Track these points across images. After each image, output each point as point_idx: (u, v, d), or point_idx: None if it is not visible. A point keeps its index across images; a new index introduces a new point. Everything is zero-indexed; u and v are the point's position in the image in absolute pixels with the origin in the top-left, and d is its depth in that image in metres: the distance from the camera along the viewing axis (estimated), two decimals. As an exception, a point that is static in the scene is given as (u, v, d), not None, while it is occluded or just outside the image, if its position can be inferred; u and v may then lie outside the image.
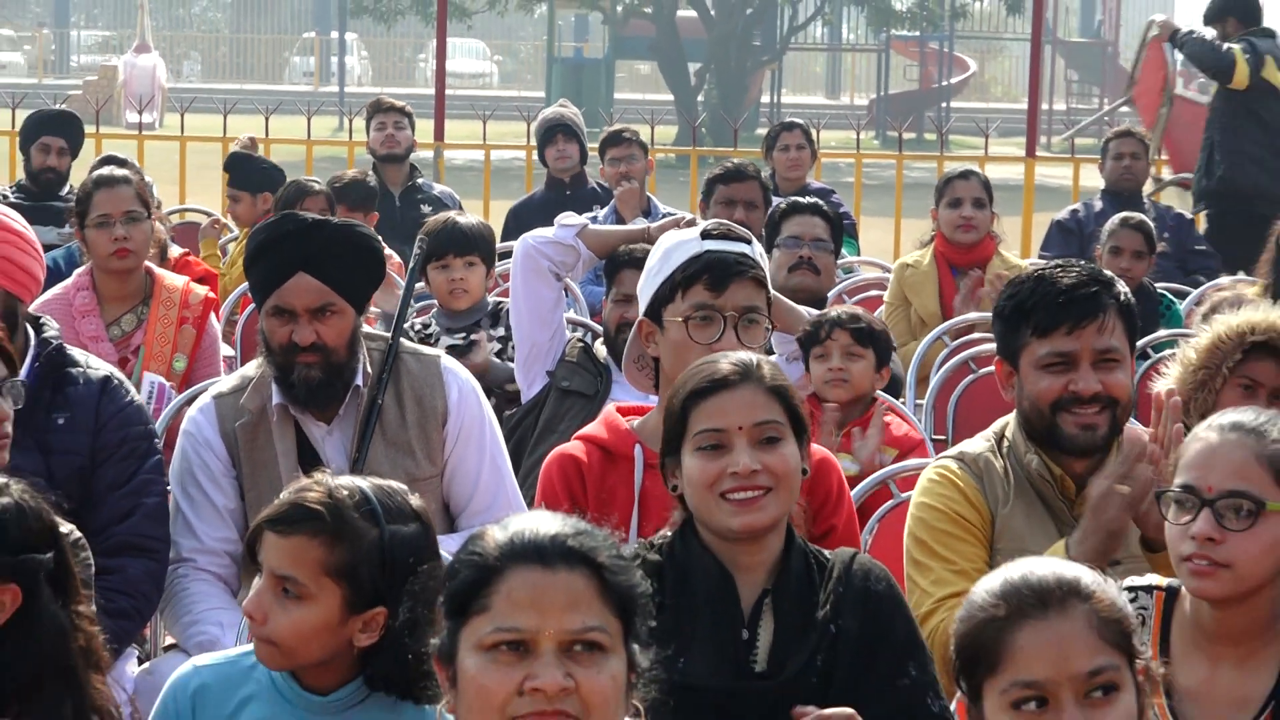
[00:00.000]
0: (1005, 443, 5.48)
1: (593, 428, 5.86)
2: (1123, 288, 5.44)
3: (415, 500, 4.57)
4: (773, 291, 6.33)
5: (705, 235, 5.85)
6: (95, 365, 6.34)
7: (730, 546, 4.65)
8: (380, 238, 6.73)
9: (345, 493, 4.39)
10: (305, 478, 4.57)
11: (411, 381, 6.36)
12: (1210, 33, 15.80)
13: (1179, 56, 16.33)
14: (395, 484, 4.61)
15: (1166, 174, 18.32)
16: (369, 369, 6.28)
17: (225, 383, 6.60)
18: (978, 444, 5.69)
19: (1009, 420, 5.62)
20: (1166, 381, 5.86)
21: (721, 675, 4.51)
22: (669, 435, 4.82)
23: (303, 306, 6.16)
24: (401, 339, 6.58)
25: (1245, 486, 4.34)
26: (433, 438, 6.30)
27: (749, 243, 5.93)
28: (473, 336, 8.95)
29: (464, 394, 6.42)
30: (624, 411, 5.78)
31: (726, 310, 5.62)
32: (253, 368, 6.46)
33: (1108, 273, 5.57)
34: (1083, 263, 5.63)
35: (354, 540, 4.29)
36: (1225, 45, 15.52)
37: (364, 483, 4.52)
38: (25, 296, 6.26)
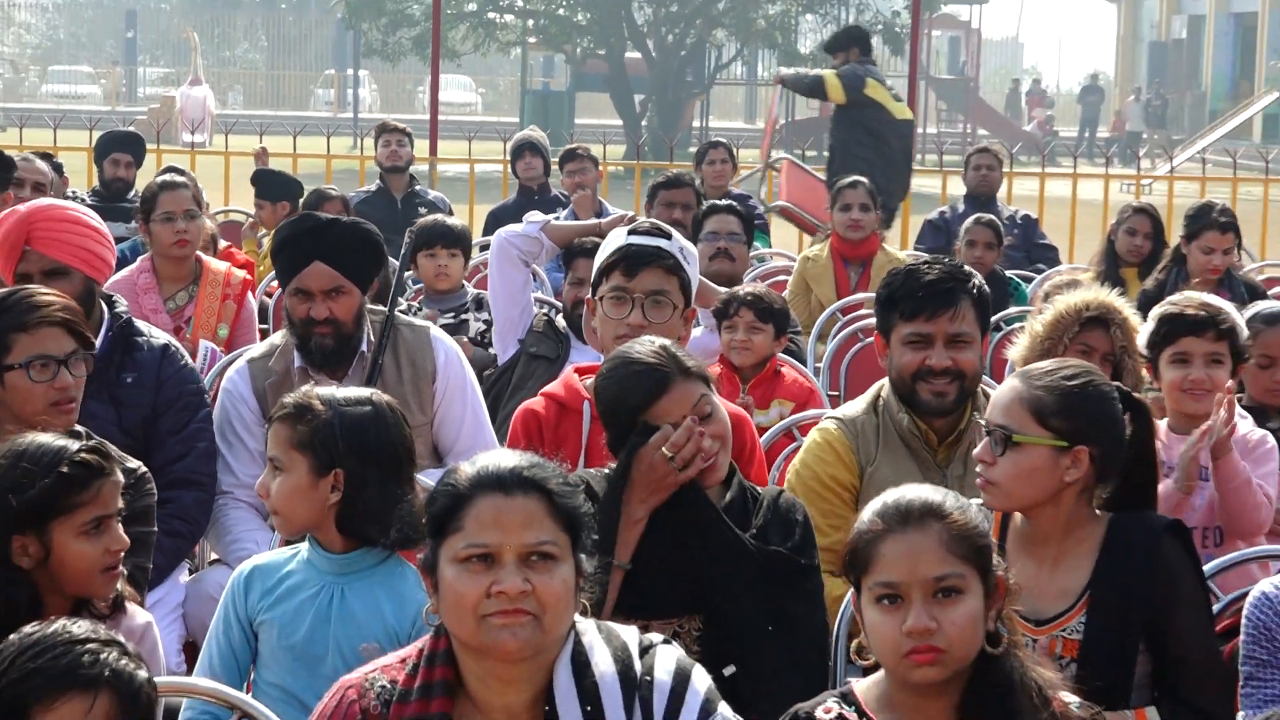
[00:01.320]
0: (880, 402, 5.52)
1: (553, 386, 5.90)
2: (978, 280, 5.53)
3: (375, 395, 4.73)
4: (698, 275, 6.42)
5: (631, 232, 5.95)
6: (156, 335, 6.40)
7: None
8: (379, 233, 6.82)
9: (315, 394, 4.62)
10: None
11: (406, 347, 6.48)
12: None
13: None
14: (363, 390, 4.88)
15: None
16: (372, 338, 6.40)
17: (256, 349, 6.71)
18: (858, 406, 5.70)
19: (884, 383, 5.66)
20: (1017, 349, 6.10)
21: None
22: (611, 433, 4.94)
23: (318, 288, 6.28)
24: (398, 314, 6.70)
25: (1005, 420, 4.48)
26: (424, 392, 6.44)
27: (669, 238, 5.93)
28: (462, 316, 9.05)
29: (450, 358, 6.57)
30: (583, 370, 5.77)
31: (635, 293, 5.68)
32: (279, 337, 6.58)
33: (966, 269, 5.61)
34: (946, 260, 5.68)
35: (311, 420, 4.47)
36: (815, 71, 17.01)
37: (333, 389, 4.80)
38: (100, 278, 6.33)
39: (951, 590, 3.54)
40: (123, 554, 4.08)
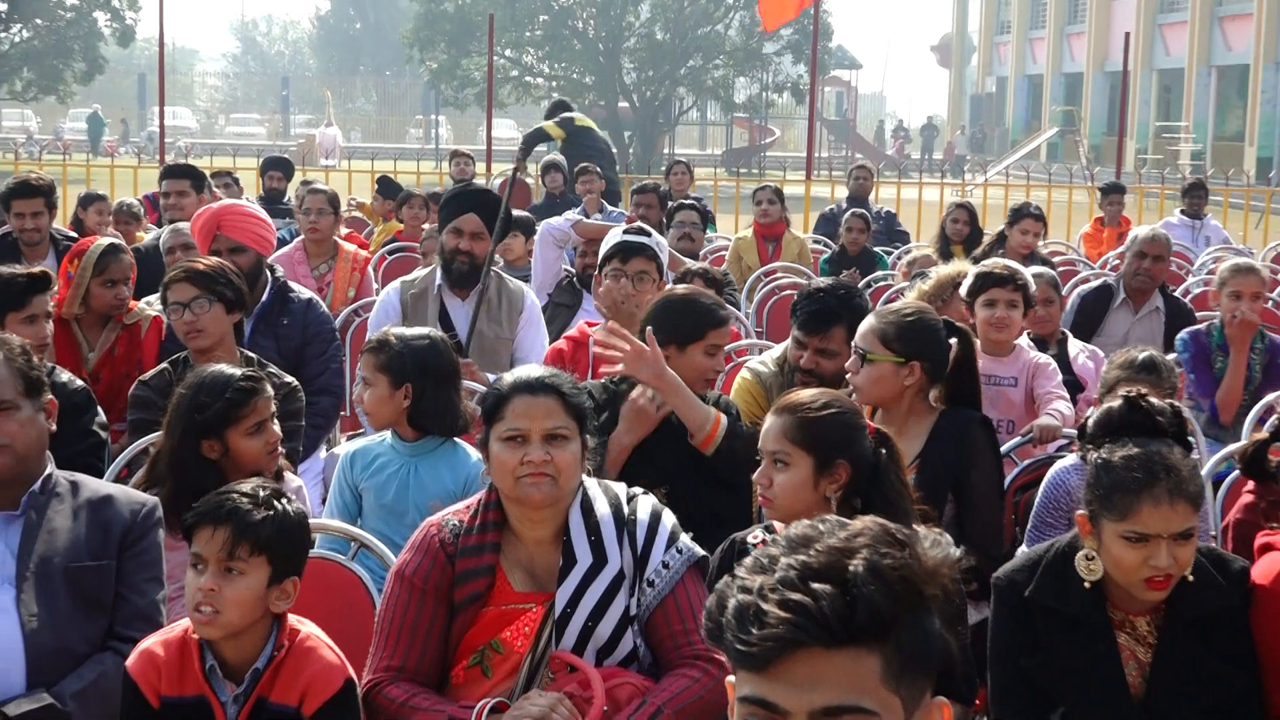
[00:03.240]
0: (786, 365, 5.25)
1: (570, 331, 5.94)
2: (861, 301, 5.16)
3: (432, 332, 4.72)
4: (671, 250, 6.53)
5: (625, 231, 5.93)
6: (304, 292, 6.36)
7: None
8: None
9: (391, 332, 4.66)
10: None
11: (508, 290, 6.49)
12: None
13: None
14: (422, 329, 4.83)
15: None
16: (489, 276, 6.39)
17: (412, 276, 6.73)
18: (769, 361, 5.44)
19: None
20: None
21: None
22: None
23: (467, 230, 6.36)
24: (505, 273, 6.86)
25: (861, 344, 4.47)
26: (514, 320, 6.43)
27: (649, 235, 5.93)
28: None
29: (532, 304, 6.57)
30: (591, 324, 5.76)
31: (629, 273, 5.62)
32: (422, 270, 6.78)
33: (848, 291, 5.24)
34: (832, 284, 5.31)
35: (388, 350, 4.47)
36: (540, 125, 15.51)
37: (403, 329, 4.81)
38: (266, 253, 6.37)
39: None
40: (279, 443, 4.06)
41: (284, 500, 3.13)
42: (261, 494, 3.10)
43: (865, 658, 1.65)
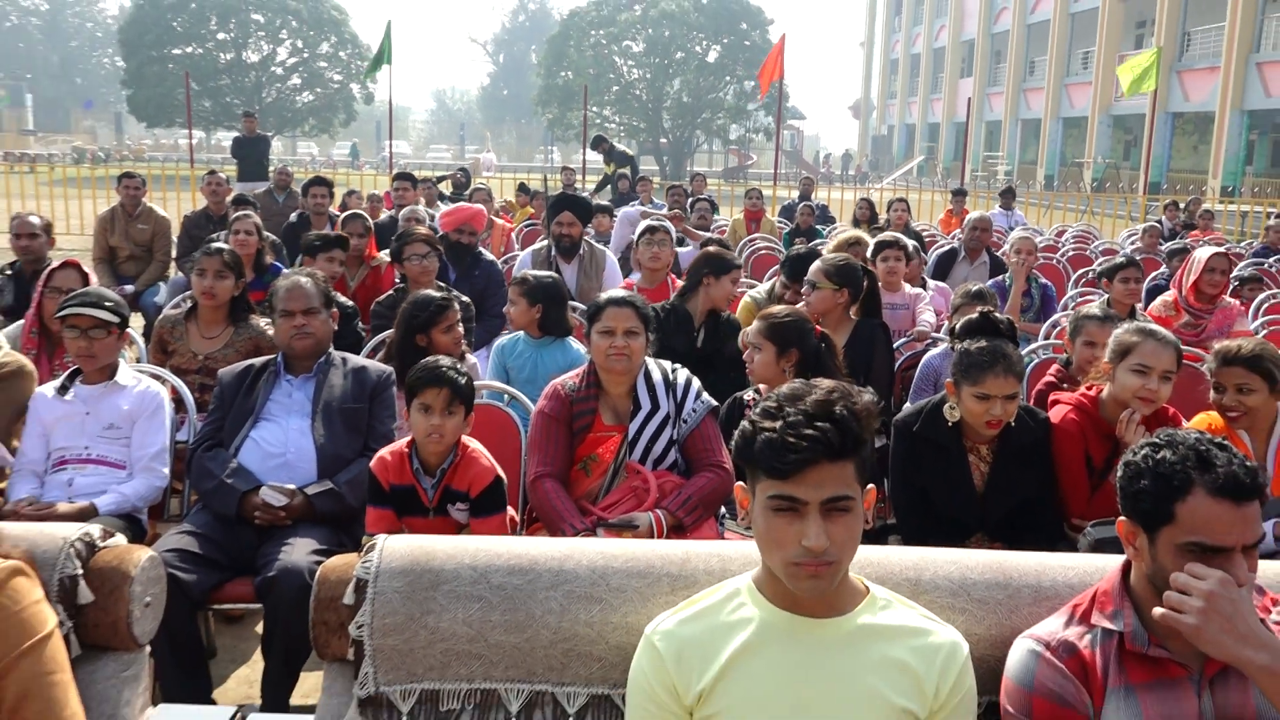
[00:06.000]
0: (770, 294, 5.13)
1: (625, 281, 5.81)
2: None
3: (551, 275, 4.37)
4: (691, 227, 6.39)
5: (650, 221, 5.73)
6: (488, 255, 6.03)
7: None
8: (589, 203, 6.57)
9: (527, 274, 4.37)
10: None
11: (595, 253, 6.16)
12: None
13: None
14: (546, 272, 4.49)
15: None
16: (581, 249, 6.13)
17: (537, 245, 6.31)
18: (760, 293, 5.23)
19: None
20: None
21: None
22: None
23: (565, 221, 6.03)
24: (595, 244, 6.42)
25: (812, 278, 4.30)
26: (600, 273, 6.08)
27: (670, 227, 5.72)
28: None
29: (613, 262, 6.21)
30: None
31: (655, 242, 5.46)
32: (543, 243, 6.28)
33: (811, 255, 5.01)
34: (804, 252, 5.13)
35: (526, 284, 4.28)
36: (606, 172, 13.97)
37: (535, 271, 4.44)
38: (479, 227, 6.04)
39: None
40: (462, 337, 4.00)
41: (465, 370, 3.09)
42: (457, 367, 3.06)
43: (848, 465, 1.61)
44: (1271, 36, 28.54)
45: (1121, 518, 1.74)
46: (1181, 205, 12.77)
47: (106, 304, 3.43)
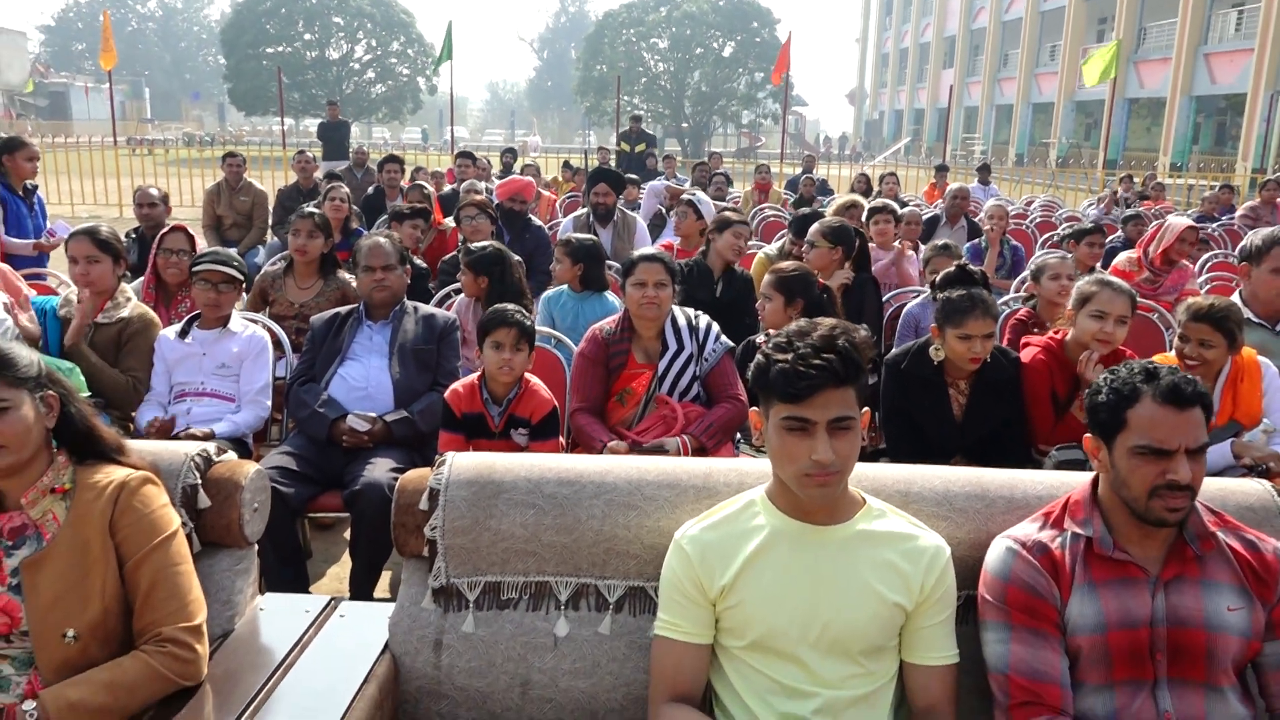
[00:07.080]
0: (780, 251, 4.99)
1: (661, 241, 5.80)
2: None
3: (591, 237, 4.17)
4: (708, 197, 6.24)
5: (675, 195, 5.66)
6: (537, 221, 5.83)
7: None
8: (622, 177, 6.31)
9: (572, 236, 4.18)
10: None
11: (627, 219, 6.00)
12: None
13: None
14: (587, 235, 4.25)
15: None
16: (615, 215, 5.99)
17: (578, 213, 6.12)
18: (771, 251, 5.11)
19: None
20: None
21: None
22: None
23: (601, 191, 5.89)
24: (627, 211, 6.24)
25: (811, 237, 4.26)
26: (634, 236, 5.94)
27: (694, 193, 5.60)
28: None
29: (641, 227, 6.06)
30: (669, 245, 5.51)
31: (678, 211, 5.39)
32: (583, 211, 6.09)
33: (814, 217, 4.94)
34: (808, 214, 5.03)
35: (569, 245, 4.13)
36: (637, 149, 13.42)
37: (579, 235, 4.23)
38: (529, 197, 5.84)
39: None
40: (539, 293, 3.98)
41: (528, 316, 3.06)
42: (523, 311, 3.03)
43: (850, 390, 1.59)
44: (1219, 30, 27.72)
45: (1087, 434, 1.72)
46: (1136, 179, 12.49)
47: (234, 264, 3.46)
